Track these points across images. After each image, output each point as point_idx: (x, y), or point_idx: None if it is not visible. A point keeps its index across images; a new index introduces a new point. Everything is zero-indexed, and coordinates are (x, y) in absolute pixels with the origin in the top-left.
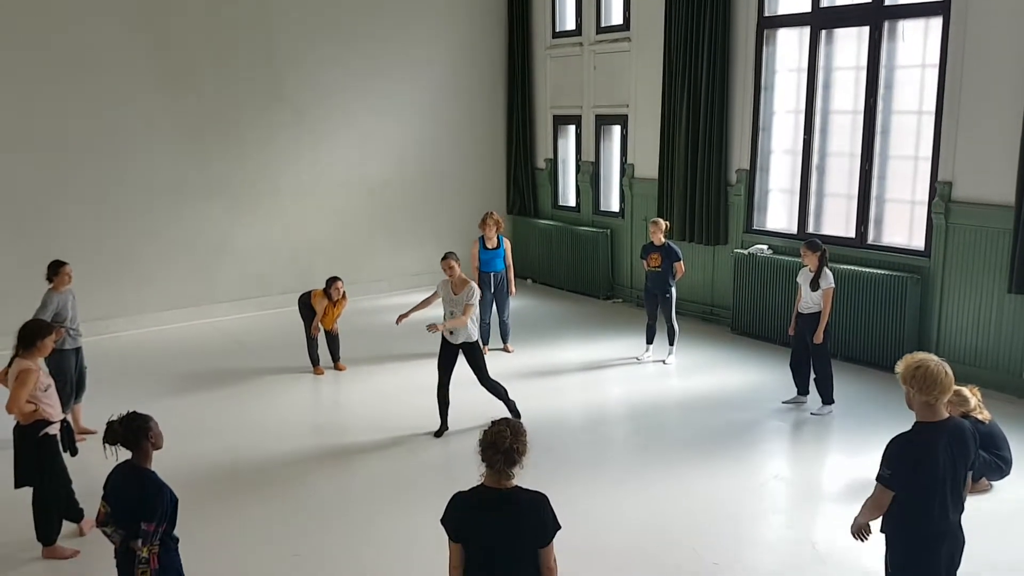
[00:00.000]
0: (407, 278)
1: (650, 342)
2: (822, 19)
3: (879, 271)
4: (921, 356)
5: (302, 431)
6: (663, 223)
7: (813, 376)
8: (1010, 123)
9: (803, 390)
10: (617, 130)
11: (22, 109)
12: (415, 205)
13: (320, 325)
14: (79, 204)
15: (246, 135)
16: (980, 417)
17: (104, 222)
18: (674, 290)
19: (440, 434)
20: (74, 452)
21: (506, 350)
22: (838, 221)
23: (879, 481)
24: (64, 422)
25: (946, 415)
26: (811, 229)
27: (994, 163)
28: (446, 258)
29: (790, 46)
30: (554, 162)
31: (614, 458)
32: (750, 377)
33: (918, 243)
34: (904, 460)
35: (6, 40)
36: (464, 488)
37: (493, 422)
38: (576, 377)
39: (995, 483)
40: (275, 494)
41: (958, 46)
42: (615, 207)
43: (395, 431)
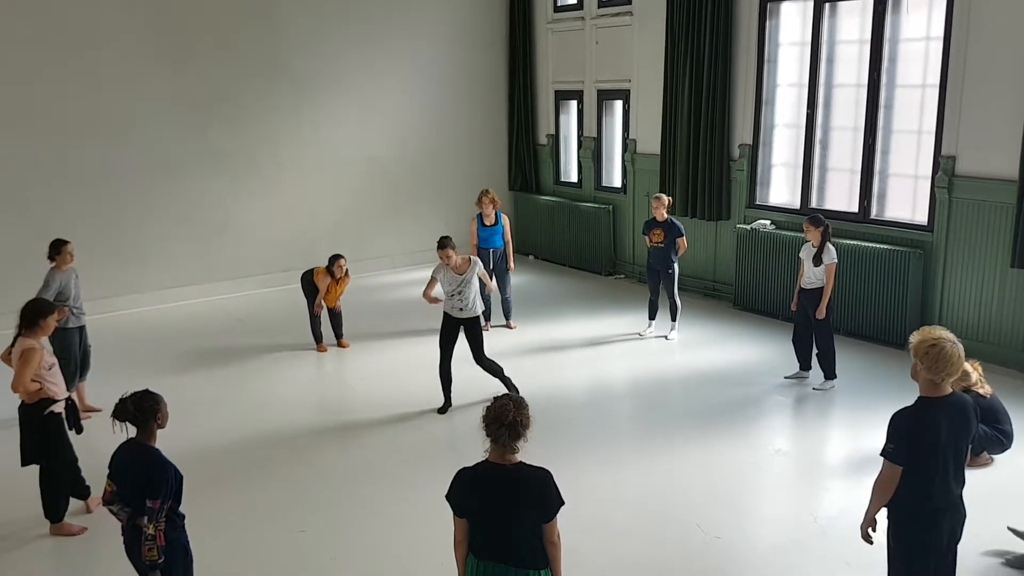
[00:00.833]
0: (409, 255)
1: (652, 318)
2: None
3: (882, 246)
4: (938, 334)
5: (306, 408)
6: (666, 199)
7: (815, 351)
8: (1014, 97)
9: (805, 365)
10: (619, 105)
11: (22, 88)
12: (417, 182)
13: (323, 302)
14: (80, 183)
15: (247, 112)
16: (981, 391)
17: (106, 201)
18: (676, 266)
19: (444, 411)
20: (79, 430)
21: (508, 327)
22: (841, 196)
23: (884, 456)
24: (69, 400)
25: (949, 391)
26: (814, 204)
27: (998, 137)
28: (443, 247)
29: (793, 19)
30: (556, 138)
31: (616, 434)
32: (752, 352)
33: (921, 218)
34: (907, 434)
35: (5, 18)
36: (469, 464)
37: (496, 397)
38: (578, 353)
39: (996, 457)
40: (279, 471)
41: (963, 19)
42: (617, 183)
43: (399, 407)
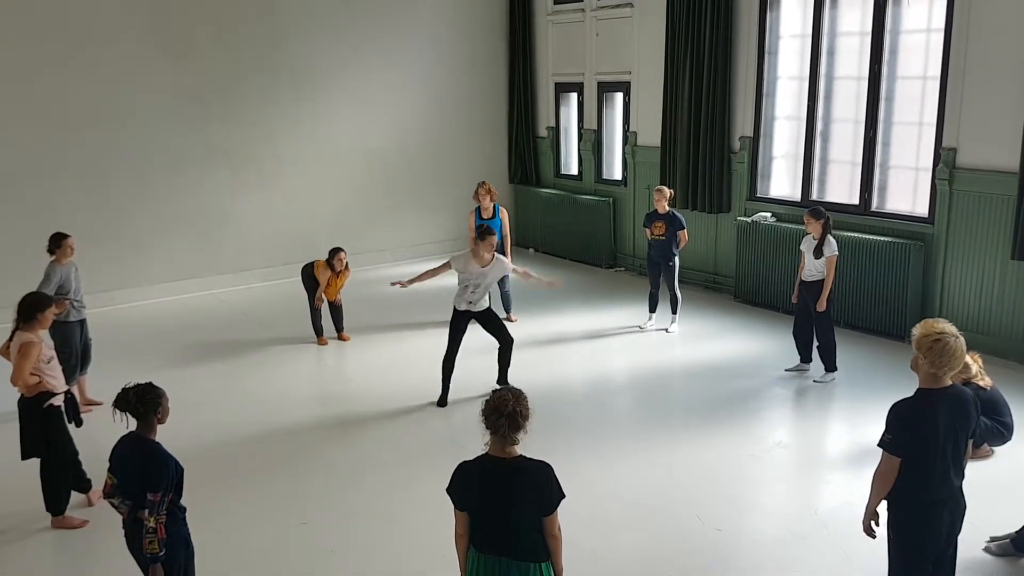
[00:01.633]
0: (409, 248)
1: (653, 311)
2: None
3: (883, 238)
4: (941, 327)
5: (306, 401)
6: (668, 191)
7: (816, 344)
8: (1015, 89)
9: (806, 358)
10: (620, 97)
11: (21, 82)
12: (416, 175)
13: (323, 296)
14: (80, 176)
15: (247, 105)
16: (982, 384)
17: (106, 194)
18: (677, 259)
19: (442, 403)
20: (79, 423)
21: (509, 319)
22: (842, 188)
23: (881, 447)
24: (68, 393)
25: (949, 383)
26: (815, 196)
27: (999, 129)
28: (484, 238)
29: (794, 11)
30: (556, 130)
31: (617, 426)
32: (753, 345)
33: (922, 210)
34: (905, 425)
35: (4, 13)
36: (470, 457)
37: (494, 390)
38: (579, 346)
39: (997, 449)
40: (280, 464)
41: (964, 11)
42: (618, 175)
43: (400, 401)
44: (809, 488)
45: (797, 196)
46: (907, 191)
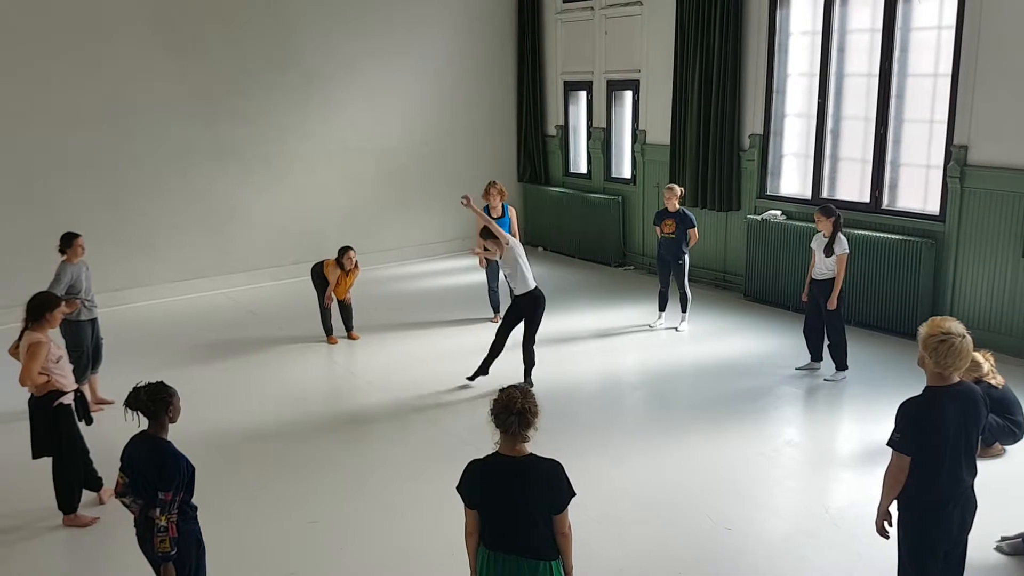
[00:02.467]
0: (418, 247)
1: (662, 309)
2: None
3: (894, 236)
4: (948, 326)
5: (316, 400)
6: (678, 189)
7: (827, 342)
8: None
9: (817, 356)
10: (629, 95)
11: (31, 82)
12: (426, 173)
13: (333, 295)
14: (91, 176)
15: (256, 103)
16: (993, 382)
17: (116, 193)
18: (687, 257)
19: (473, 378)
20: (89, 421)
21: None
22: (852, 186)
23: (891, 446)
24: (78, 392)
25: (957, 380)
26: (825, 194)
27: (1010, 127)
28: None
29: (804, 8)
30: (565, 128)
31: (627, 425)
32: (763, 344)
33: (933, 208)
34: (914, 423)
35: (12, 13)
36: (480, 455)
37: (501, 389)
38: (588, 345)
39: (1008, 447)
40: (291, 462)
41: (975, 7)
42: (627, 173)
43: (409, 399)
44: (820, 487)
45: (807, 194)
46: (918, 189)
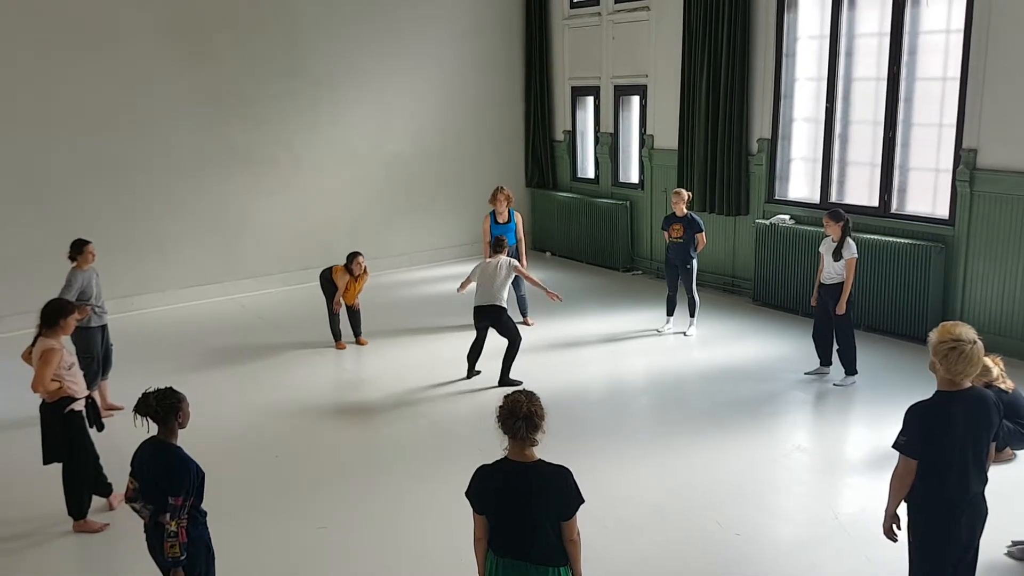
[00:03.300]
0: (427, 252)
1: (671, 314)
2: None
3: (902, 240)
4: (958, 332)
5: (324, 405)
6: (686, 193)
7: (836, 347)
8: None
9: (826, 361)
10: (636, 100)
11: (40, 86)
12: (434, 179)
13: (342, 300)
14: (102, 183)
15: (265, 109)
16: (1003, 386)
17: (127, 200)
18: (695, 261)
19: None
20: (100, 428)
21: (526, 323)
22: (861, 190)
23: (896, 449)
24: (89, 398)
25: (968, 385)
26: (834, 198)
27: (1020, 130)
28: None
29: (812, 12)
30: (572, 134)
31: (635, 430)
32: (772, 348)
33: (942, 212)
34: (919, 427)
35: (27, 22)
36: (488, 461)
37: (504, 396)
38: (597, 349)
39: (1019, 452)
40: (299, 468)
41: (984, 11)
42: (634, 178)
43: (418, 404)
44: (829, 492)
45: (816, 198)
46: (927, 193)
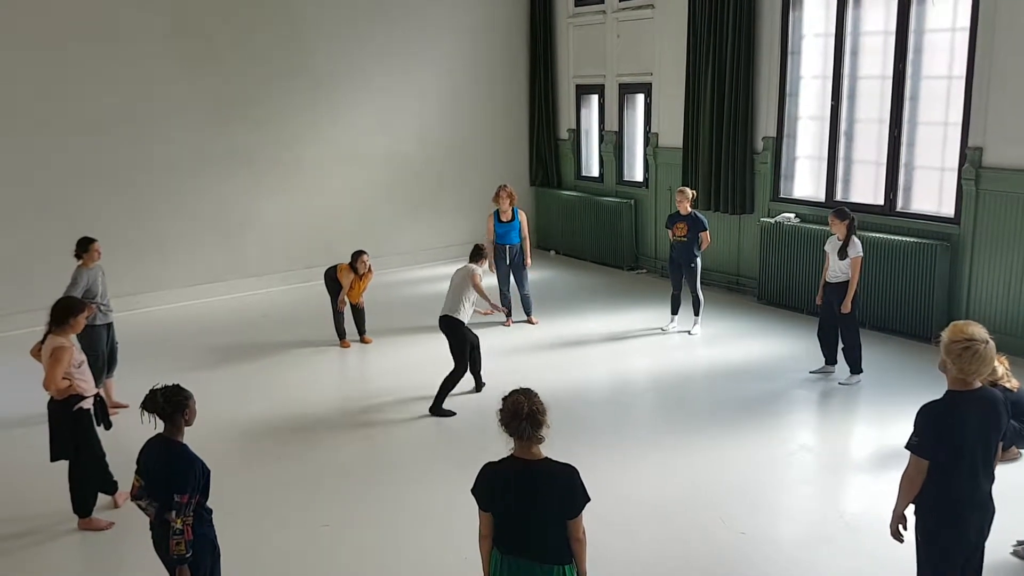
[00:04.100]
0: (431, 251)
1: (675, 312)
2: None
3: (908, 239)
4: (971, 331)
5: (329, 404)
6: (690, 192)
7: (841, 346)
8: None
9: (831, 360)
10: (641, 99)
11: (44, 87)
12: (438, 177)
13: (346, 299)
14: (106, 182)
15: (268, 109)
16: (1009, 385)
17: (131, 199)
18: (699, 260)
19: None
20: (108, 426)
21: (530, 322)
22: (866, 188)
23: (909, 449)
24: (97, 396)
25: (978, 385)
26: (839, 197)
27: None
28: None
29: (817, 10)
30: (577, 132)
31: (639, 429)
32: (777, 347)
33: (948, 210)
34: (933, 427)
35: (28, 22)
36: (493, 458)
37: (503, 398)
38: (601, 348)
39: None
40: (304, 466)
41: (989, 9)
42: (639, 177)
43: (422, 402)
44: (835, 491)
45: (821, 197)
46: (932, 191)
